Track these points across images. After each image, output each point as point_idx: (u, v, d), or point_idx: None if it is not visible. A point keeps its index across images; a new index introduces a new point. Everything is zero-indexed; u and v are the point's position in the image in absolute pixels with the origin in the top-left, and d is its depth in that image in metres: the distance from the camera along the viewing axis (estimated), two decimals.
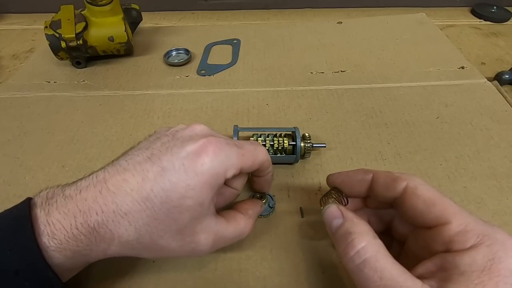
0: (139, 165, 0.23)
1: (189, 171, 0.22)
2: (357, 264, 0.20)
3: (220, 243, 0.25)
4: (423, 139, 0.39)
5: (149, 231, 0.22)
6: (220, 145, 0.24)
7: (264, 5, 0.70)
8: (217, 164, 0.23)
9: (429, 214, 0.21)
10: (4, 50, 0.58)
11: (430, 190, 0.22)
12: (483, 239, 0.19)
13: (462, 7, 0.70)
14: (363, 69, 0.51)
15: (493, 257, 0.19)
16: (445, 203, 0.21)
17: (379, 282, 0.19)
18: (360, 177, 0.26)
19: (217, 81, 0.49)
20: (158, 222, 0.22)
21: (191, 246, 0.24)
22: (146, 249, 0.23)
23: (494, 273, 0.18)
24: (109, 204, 0.21)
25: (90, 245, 0.22)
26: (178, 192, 0.22)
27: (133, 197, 0.22)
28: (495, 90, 0.46)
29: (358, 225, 0.22)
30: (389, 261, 0.20)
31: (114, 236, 0.22)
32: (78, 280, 0.27)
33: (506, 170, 0.36)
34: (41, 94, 0.46)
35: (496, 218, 0.32)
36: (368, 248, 0.21)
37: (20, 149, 0.39)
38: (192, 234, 0.23)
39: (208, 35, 0.59)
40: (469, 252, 0.19)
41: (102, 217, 0.21)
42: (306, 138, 0.35)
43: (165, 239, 0.23)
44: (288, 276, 0.28)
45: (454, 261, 0.19)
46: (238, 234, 0.26)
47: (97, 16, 0.48)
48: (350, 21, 0.64)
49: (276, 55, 0.54)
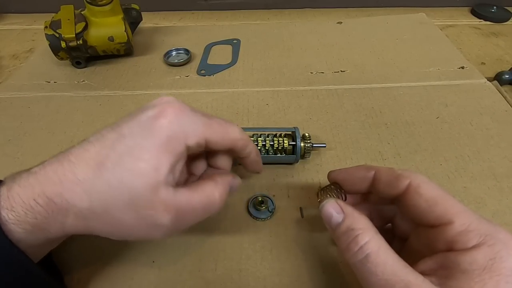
0: (101, 136, 0.22)
1: (145, 133, 0.21)
2: (360, 260, 0.20)
3: (187, 218, 0.23)
4: (423, 139, 0.39)
5: (101, 199, 0.21)
6: (182, 109, 0.23)
7: (264, 5, 0.70)
8: (175, 127, 0.22)
9: (432, 214, 0.21)
10: (4, 50, 0.58)
11: (434, 189, 0.22)
12: (485, 239, 0.19)
13: (462, 7, 0.70)
14: (363, 69, 0.51)
15: (495, 257, 0.19)
16: (448, 202, 0.21)
17: (381, 276, 0.19)
18: (362, 174, 0.25)
19: (217, 81, 0.49)
20: (110, 188, 0.21)
21: (149, 220, 0.21)
22: (100, 221, 0.22)
23: (495, 272, 0.18)
24: (67, 174, 0.21)
25: (47, 218, 0.21)
26: (133, 155, 0.21)
27: (89, 165, 0.21)
28: (495, 90, 0.46)
29: (360, 220, 0.22)
30: (391, 256, 0.20)
31: (69, 206, 0.21)
32: (78, 280, 0.27)
33: (506, 170, 0.36)
34: (41, 94, 0.46)
35: (496, 218, 0.32)
36: (371, 243, 0.21)
37: (20, 149, 0.39)
38: (148, 206, 0.21)
39: (208, 35, 0.59)
40: (471, 252, 0.19)
41: (60, 187, 0.21)
42: (306, 138, 0.35)
43: (118, 209, 0.21)
44: (288, 276, 0.28)
45: (455, 260, 0.19)
46: (206, 202, 0.23)
47: (97, 16, 0.48)
48: (350, 21, 0.64)
49: (276, 55, 0.54)
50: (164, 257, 0.29)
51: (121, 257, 0.29)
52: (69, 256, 0.29)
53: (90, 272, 0.28)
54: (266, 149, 0.35)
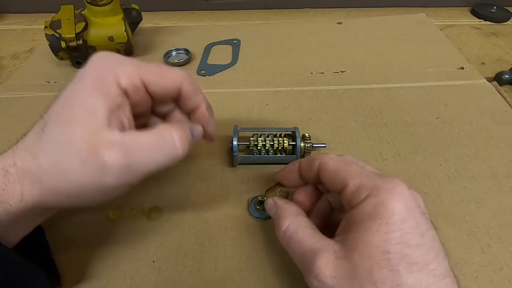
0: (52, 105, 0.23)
1: (76, 81, 0.22)
2: (285, 242, 0.24)
3: (138, 157, 0.21)
4: (423, 139, 0.39)
5: (47, 156, 0.21)
6: (110, 53, 0.23)
7: (264, 5, 0.70)
8: (102, 68, 0.22)
9: (335, 182, 0.24)
10: (4, 50, 0.58)
11: (337, 162, 0.24)
12: (372, 191, 0.21)
13: (462, 7, 0.70)
14: (363, 69, 0.51)
15: (378, 204, 0.20)
16: (346, 170, 0.23)
17: (300, 250, 0.23)
18: (291, 168, 0.28)
19: (217, 81, 0.49)
20: (54, 143, 0.21)
21: (95, 160, 0.20)
22: (52, 179, 0.21)
23: (378, 216, 0.20)
24: (19, 145, 0.22)
25: (5, 189, 0.21)
26: (67, 105, 0.21)
27: (35, 130, 0.22)
28: (494, 91, 0.46)
29: (285, 209, 0.26)
30: (306, 232, 0.23)
31: (23, 172, 0.21)
32: (78, 280, 0.27)
33: (506, 170, 0.36)
34: (41, 94, 0.46)
35: (496, 218, 0.32)
36: (290, 226, 0.24)
37: None
38: (91, 148, 0.20)
39: (208, 35, 0.59)
40: (361, 204, 0.21)
41: (13, 157, 0.22)
42: (306, 138, 0.36)
43: (63, 160, 0.20)
44: (288, 276, 0.28)
45: (351, 214, 0.22)
46: (159, 141, 0.22)
47: (97, 16, 0.48)
48: (350, 21, 0.64)
49: (276, 55, 0.54)
50: (164, 257, 0.29)
51: (121, 257, 0.29)
52: (69, 256, 0.29)
53: (90, 273, 0.28)
54: (266, 149, 0.35)
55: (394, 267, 0.19)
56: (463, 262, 0.29)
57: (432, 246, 0.20)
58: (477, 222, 0.31)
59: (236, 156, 0.35)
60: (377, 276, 0.19)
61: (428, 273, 0.19)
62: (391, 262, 0.19)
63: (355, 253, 0.20)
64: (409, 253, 0.19)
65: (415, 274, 0.19)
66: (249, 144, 0.35)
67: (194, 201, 0.33)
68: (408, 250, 0.19)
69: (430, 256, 0.20)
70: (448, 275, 0.20)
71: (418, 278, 0.19)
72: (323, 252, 0.21)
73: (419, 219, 0.21)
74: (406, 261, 0.19)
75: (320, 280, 0.20)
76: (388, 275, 0.19)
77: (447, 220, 0.32)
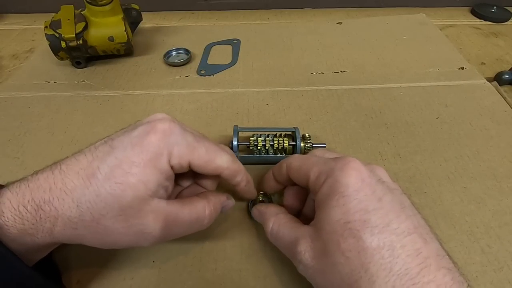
0: (94, 148, 0.23)
1: (135, 148, 0.22)
2: (273, 241, 0.26)
3: (174, 229, 0.24)
4: (423, 139, 0.39)
5: (90, 208, 0.21)
6: (173, 127, 0.24)
7: (264, 5, 0.70)
8: (162, 145, 0.23)
9: (300, 177, 0.26)
10: (4, 50, 0.58)
11: (298, 160, 0.27)
12: (328, 174, 0.23)
13: (462, 7, 0.70)
14: (363, 70, 0.51)
15: (333, 182, 0.22)
16: (307, 164, 0.25)
17: (284, 243, 0.25)
18: (268, 177, 0.31)
19: (217, 81, 0.49)
20: (100, 199, 0.21)
21: (138, 228, 0.22)
22: (89, 230, 0.22)
23: (334, 193, 0.22)
24: (58, 183, 0.22)
25: (35, 224, 0.21)
26: (122, 168, 0.22)
27: (80, 175, 0.22)
28: (494, 91, 0.46)
29: (266, 212, 0.28)
30: (287, 226, 0.25)
31: (58, 214, 0.21)
32: (78, 280, 0.27)
33: (506, 170, 0.36)
34: (41, 94, 0.46)
35: (496, 218, 0.32)
36: (273, 226, 0.26)
37: (20, 149, 0.39)
38: (137, 215, 0.22)
39: (208, 35, 0.59)
40: (321, 189, 0.23)
41: (49, 195, 0.22)
42: (306, 138, 0.36)
43: (107, 218, 0.22)
44: (288, 276, 0.28)
45: (316, 200, 0.24)
46: (195, 217, 0.25)
47: (97, 16, 0.48)
48: (350, 21, 0.64)
49: (276, 55, 0.54)
50: (164, 257, 0.29)
51: (121, 257, 0.29)
52: (69, 256, 0.29)
53: (90, 273, 0.28)
54: (266, 149, 0.35)
55: (357, 234, 0.20)
56: (463, 262, 0.29)
57: (391, 208, 0.21)
58: (477, 222, 0.31)
59: (236, 156, 0.35)
60: (343, 246, 0.20)
61: (390, 233, 0.20)
62: (353, 231, 0.20)
63: (323, 231, 0.22)
64: (369, 218, 0.21)
65: (377, 236, 0.20)
66: (249, 144, 0.35)
67: None
68: (367, 215, 0.21)
69: (389, 217, 0.21)
70: (414, 231, 0.21)
71: (381, 239, 0.20)
72: (301, 238, 0.23)
73: (374, 186, 0.22)
74: (366, 226, 0.20)
75: (304, 263, 0.22)
76: (353, 243, 0.20)
77: (447, 220, 0.32)
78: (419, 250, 0.20)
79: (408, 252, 0.20)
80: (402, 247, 0.20)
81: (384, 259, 0.19)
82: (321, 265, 0.22)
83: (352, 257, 0.20)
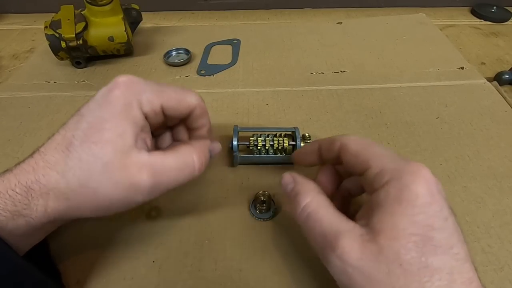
0: (65, 124, 0.24)
1: (103, 107, 0.23)
2: (303, 219, 0.24)
3: (164, 178, 0.23)
4: (423, 139, 0.39)
5: (76, 175, 0.22)
6: (133, 79, 0.24)
7: (264, 5, 0.70)
8: (128, 95, 0.23)
9: (357, 164, 0.24)
10: (4, 50, 0.58)
11: (358, 144, 0.24)
12: (395, 174, 0.21)
13: (462, 7, 0.70)
14: (363, 69, 0.51)
15: (402, 187, 0.21)
16: (368, 152, 0.24)
17: (319, 229, 0.22)
18: (311, 149, 0.29)
19: (217, 81, 0.49)
20: (83, 163, 0.22)
21: (125, 182, 0.22)
22: (80, 197, 0.22)
23: (403, 199, 0.20)
24: (39, 162, 0.22)
25: (28, 204, 0.22)
26: (95, 128, 0.22)
27: (58, 149, 0.22)
28: (494, 91, 0.46)
29: (304, 185, 0.25)
30: (329, 211, 0.23)
31: (48, 189, 0.22)
32: (78, 280, 0.27)
33: (506, 170, 0.36)
34: (41, 94, 0.46)
35: (496, 218, 0.32)
36: (311, 203, 0.23)
37: (20, 149, 0.39)
38: (121, 170, 0.22)
39: (208, 35, 0.59)
40: (384, 187, 0.21)
41: (34, 175, 0.22)
42: (306, 138, 0.36)
43: (94, 180, 0.22)
44: (288, 276, 0.28)
45: (374, 198, 0.22)
46: (182, 163, 0.24)
47: (97, 16, 0.48)
48: (350, 21, 0.64)
49: (276, 55, 0.54)
50: (164, 257, 0.29)
51: (121, 257, 0.29)
52: (69, 256, 0.29)
53: (89, 273, 0.28)
54: (266, 149, 0.35)
55: (420, 250, 0.19)
56: None
57: (455, 230, 0.21)
58: (477, 222, 0.31)
59: (236, 156, 0.35)
60: (404, 258, 0.19)
61: (451, 256, 0.20)
62: (417, 244, 0.19)
63: (381, 236, 0.20)
64: (434, 236, 0.20)
65: (440, 256, 0.19)
66: (249, 144, 0.35)
67: (194, 201, 0.33)
68: (433, 233, 0.20)
69: (453, 240, 0.20)
70: (469, 260, 0.20)
71: (442, 261, 0.19)
72: (347, 233, 0.21)
73: (442, 203, 0.21)
74: (431, 244, 0.20)
75: (344, 260, 0.21)
76: (415, 257, 0.19)
77: None
78: (471, 279, 0.20)
79: (463, 279, 0.20)
80: (459, 273, 0.20)
81: (442, 281, 0.19)
82: (369, 269, 0.20)
83: (410, 271, 0.19)
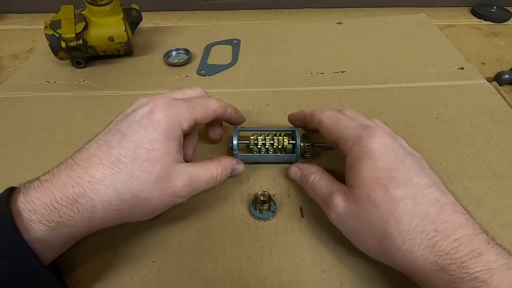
0: (100, 140, 0.26)
1: (148, 128, 0.26)
2: (312, 190, 0.31)
3: (196, 185, 0.28)
4: (423, 139, 0.39)
5: (128, 188, 0.24)
6: (168, 101, 0.27)
7: (264, 5, 0.70)
8: (170, 117, 0.26)
9: (330, 136, 0.31)
10: (4, 50, 0.58)
11: (330, 118, 0.31)
12: (356, 140, 0.27)
13: (462, 7, 0.70)
14: (363, 70, 0.51)
15: (362, 148, 0.26)
16: (337, 126, 0.30)
17: (320, 193, 0.29)
18: (299, 116, 0.35)
19: (217, 81, 0.49)
20: (134, 178, 0.24)
21: (171, 190, 0.26)
22: (131, 206, 0.25)
23: (363, 156, 0.26)
24: (83, 176, 0.24)
25: (73, 216, 0.23)
26: (144, 147, 0.25)
27: (103, 164, 0.24)
28: (494, 91, 0.46)
29: (308, 168, 0.32)
30: (327, 180, 0.30)
31: (95, 202, 0.23)
32: (78, 280, 0.28)
33: (506, 170, 0.36)
34: (41, 94, 0.46)
35: (496, 218, 0.32)
36: (315, 178, 0.31)
37: (20, 149, 0.39)
38: (169, 180, 0.26)
39: (208, 35, 0.59)
40: (350, 152, 0.27)
41: (79, 188, 0.23)
42: (306, 137, 0.36)
43: (145, 190, 0.25)
44: (288, 276, 0.28)
45: (346, 161, 0.28)
46: (209, 176, 0.29)
47: (97, 16, 0.48)
48: (350, 21, 0.64)
49: (276, 55, 0.54)
50: (164, 257, 0.29)
51: (121, 257, 0.29)
52: (69, 256, 0.29)
53: (90, 273, 0.28)
54: (266, 148, 0.35)
55: (384, 187, 0.24)
56: None
57: (412, 168, 0.25)
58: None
59: (236, 155, 0.34)
60: (373, 197, 0.24)
61: (412, 186, 0.24)
62: (381, 184, 0.24)
63: (355, 187, 0.26)
64: (394, 175, 0.25)
65: (401, 188, 0.24)
66: (249, 143, 0.35)
67: (194, 201, 0.33)
68: (392, 173, 0.25)
69: (411, 174, 0.25)
70: (433, 186, 0.24)
71: (404, 190, 0.24)
72: (336, 191, 0.27)
73: (397, 151, 0.26)
74: (393, 181, 0.24)
75: (337, 211, 0.27)
76: (381, 194, 0.24)
77: None
78: (437, 199, 0.24)
79: (428, 200, 0.24)
80: (422, 197, 0.24)
81: (408, 206, 0.23)
82: (353, 211, 0.25)
83: (381, 205, 0.24)
